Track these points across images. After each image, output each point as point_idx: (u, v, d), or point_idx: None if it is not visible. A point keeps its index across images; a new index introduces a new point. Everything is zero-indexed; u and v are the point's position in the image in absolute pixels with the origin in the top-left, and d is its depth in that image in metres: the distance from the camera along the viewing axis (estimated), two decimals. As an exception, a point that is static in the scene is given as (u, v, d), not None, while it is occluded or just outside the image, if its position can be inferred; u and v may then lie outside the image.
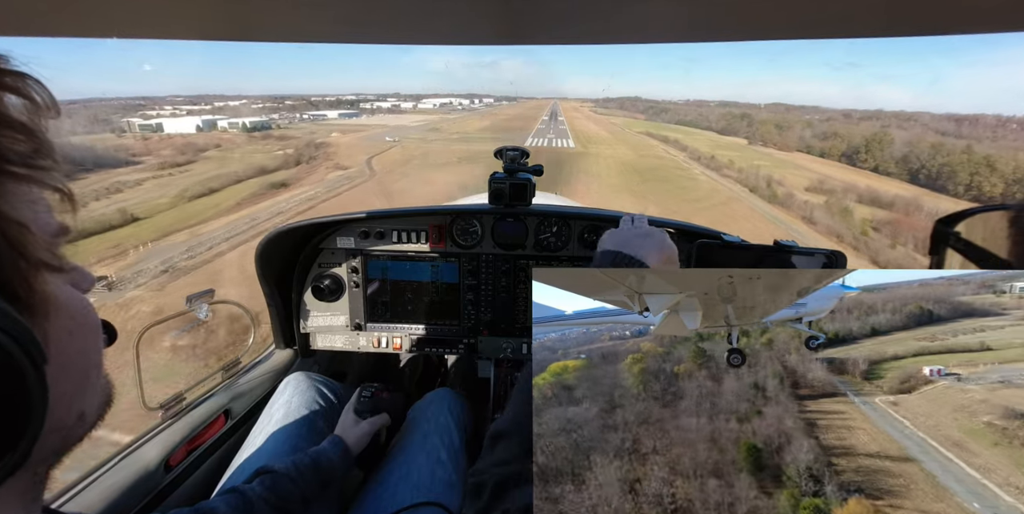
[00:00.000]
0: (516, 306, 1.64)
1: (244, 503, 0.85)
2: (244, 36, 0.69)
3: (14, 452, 0.30)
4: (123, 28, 0.64)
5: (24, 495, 0.36)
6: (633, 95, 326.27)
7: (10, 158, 0.32)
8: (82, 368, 0.38)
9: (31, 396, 0.30)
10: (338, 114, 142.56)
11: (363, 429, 1.13)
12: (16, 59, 0.34)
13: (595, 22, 0.66)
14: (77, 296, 0.39)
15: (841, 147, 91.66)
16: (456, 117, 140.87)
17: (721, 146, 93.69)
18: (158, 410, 1.17)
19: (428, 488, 1.07)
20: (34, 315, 0.33)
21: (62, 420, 0.36)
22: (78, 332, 0.37)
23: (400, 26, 0.67)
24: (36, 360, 0.30)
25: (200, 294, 1.27)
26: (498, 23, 0.66)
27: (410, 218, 1.59)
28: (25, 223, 0.32)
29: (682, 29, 0.71)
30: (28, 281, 0.32)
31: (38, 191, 0.35)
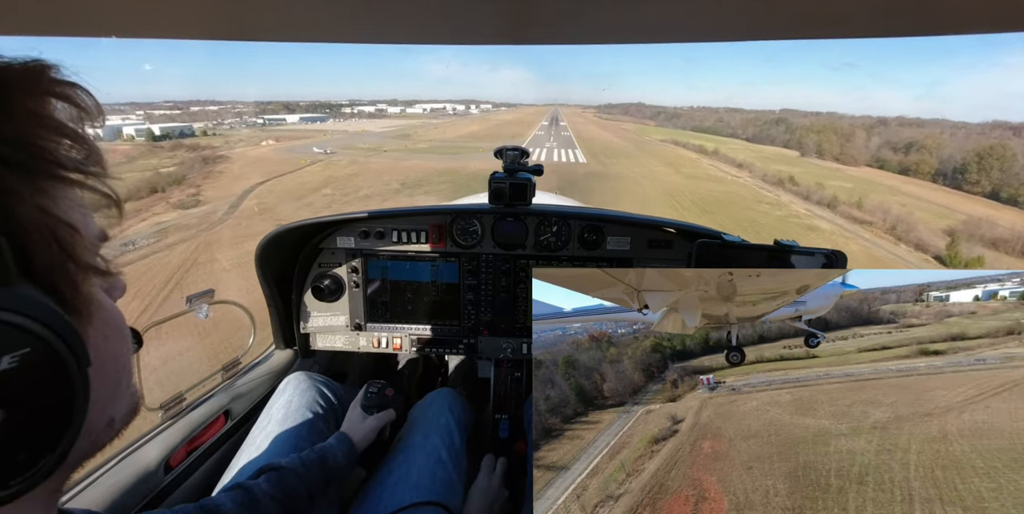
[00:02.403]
0: (516, 306, 1.64)
1: (250, 499, 0.85)
2: (243, 36, 0.69)
3: (53, 453, 0.30)
4: (122, 28, 0.64)
5: (48, 495, 0.36)
6: (636, 101, 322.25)
7: (64, 163, 0.33)
8: (114, 373, 0.38)
9: (75, 397, 0.31)
10: (299, 118, 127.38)
11: (370, 425, 1.14)
12: (67, 68, 0.35)
13: (595, 22, 0.66)
14: (110, 302, 0.39)
15: (932, 162, 68.87)
16: (441, 122, 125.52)
17: (768, 158, 71.69)
18: (158, 410, 1.17)
19: (428, 488, 1.06)
20: (79, 317, 0.33)
21: (94, 425, 0.36)
22: (113, 337, 0.38)
23: (400, 26, 0.67)
24: (81, 362, 0.31)
25: (200, 294, 1.27)
26: (498, 23, 0.66)
27: (410, 218, 1.59)
28: (76, 226, 0.33)
29: (682, 29, 0.71)
30: (76, 283, 0.33)
31: (85, 196, 0.36)
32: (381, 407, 1.19)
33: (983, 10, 0.59)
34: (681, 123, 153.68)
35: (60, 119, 0.34)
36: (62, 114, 0.35)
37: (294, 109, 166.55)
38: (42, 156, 0.32)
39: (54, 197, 0.32)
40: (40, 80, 0.34)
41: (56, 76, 0.34)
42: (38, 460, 0.29)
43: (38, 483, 0.30)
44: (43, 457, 0.29)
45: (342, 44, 0.70)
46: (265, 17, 0.63)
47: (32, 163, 0.31)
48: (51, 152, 0.33)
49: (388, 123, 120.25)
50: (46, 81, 0.34)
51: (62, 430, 0.30)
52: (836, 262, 1.12)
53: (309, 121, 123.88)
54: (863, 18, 0.64)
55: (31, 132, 0.32)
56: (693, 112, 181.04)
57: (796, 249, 1.13)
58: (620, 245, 1.58)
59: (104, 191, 0.37)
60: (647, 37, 0.76)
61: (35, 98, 0.33)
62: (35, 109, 0.33)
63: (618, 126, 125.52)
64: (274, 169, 46.43)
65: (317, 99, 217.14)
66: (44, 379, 0.29)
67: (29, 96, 0.33)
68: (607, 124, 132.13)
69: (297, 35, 0.72)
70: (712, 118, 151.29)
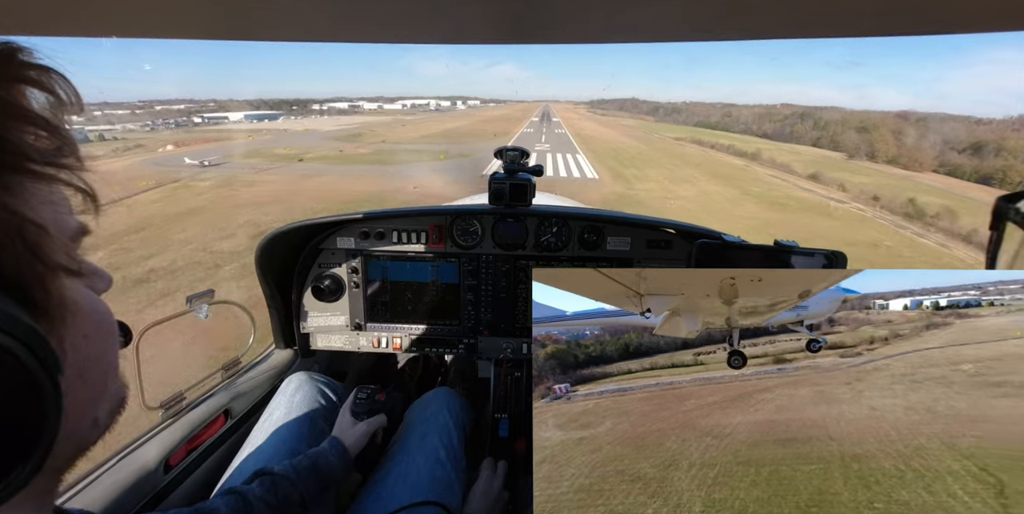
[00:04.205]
0: (516, 306, 1.64)
1: (243, 504, 0.85)
2: (242, 35, 0.69)
3: (26, 464, 0.29)
4: (123, 28, 0.64)
5: (39, 498, 0.36)
6: (630, 96, 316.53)
7: (31, 156, 0.31)
8: (99, 374, 0.37)
9: (45, 407, 0.29)
10: (243, 116, 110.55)
11: (360, 430, 1.13)
12: (41, 52, 0.33)
13: (595, 22, 0.65)
14: (94, 298, 0.37)
15: (1021, 169, 54.19)
16: (415, 119, 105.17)
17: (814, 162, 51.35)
18: (158, 409, 1.17)
19: (427, 488, 1.06)
20: (51, 321, 0.31)
21: (77, 427, 0.35)
22: (95, 336, 0.36)
23: (399, 25, 0.67)
24: (51, 370, 0.29)
25: (200, 294, 1.27)
26: (498, 23, 0.65)
27: (410, 218, 1.58)
28: (44, 225, 0.31)
29: (682, 29, 0.71)
30: (45, 285, 0.31)
31: (59, 190, 0.34)
32: (371, 412, 1.18)
33: (983, 10, 0.59)
34: (683, 118, 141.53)
35: (29, 107, 0.32)
36: (33, 102, 0.32)
37: (258, 106, 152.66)
38: (8, 149, 0.30)
39: (20, 194, 0.30)
40: (8, 64, 0.31)
41: (27, 60, 0.32)
42: (9, 473, 0.28)
43: (14, 493, 0.28)
44: (14, 469, 0.28)
45: (343, 44, 0.69)
46: (264, 17, 0.62)
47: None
48: (16, 143, 0.30)
49: (350, 120, 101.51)
50: (15, 65, 0.31)
51: (34, 441, 0.29)
52: (836, 262, 1.12)
53: (256, 119, 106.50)
54: (864, 18, 0.63)
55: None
56: (693, 107, 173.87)
57: (796, 250, 1.13)
58: (620, 245, 1.58)
59: (78, 185, 0.34)
60: (647, 37, 0.76)
61: (2, 84, 0.30)
62: (1, 96, 0.30)
63: (618, 122, 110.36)
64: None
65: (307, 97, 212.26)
66: (9, 391, 0.27)
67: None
68: (605, 120, 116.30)
69: (296, 35, 0.72)
70: (718, 113, 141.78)
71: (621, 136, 62.35)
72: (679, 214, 11.61)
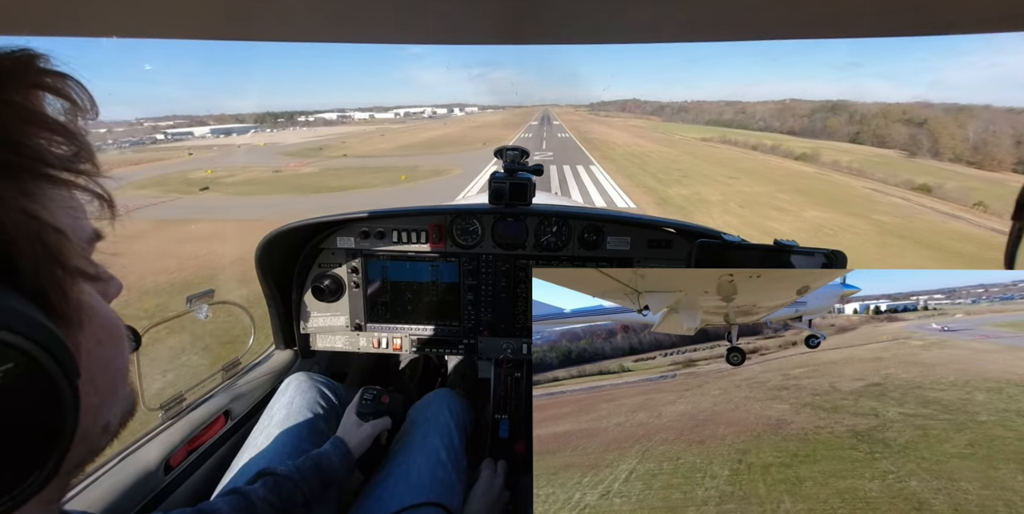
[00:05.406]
0: (516, 306, 1.64)
1: (246, 504, 0.84)
2: (241, 35, 0.69)
3: (43, 468, 0.29)
4: (123, 28, 0.64)
5: (47, 502, 0.36)
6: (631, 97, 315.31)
7: (50, 161, 0.31)
8: (110, 379, 0.37)
9: (64, 412, 0.29)
10: (208, 131, 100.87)
11: (365, 432, 1.13)
12: (57, 59, 0.33)
13: (595, 22, 0.66)
14: (104, 304, 0.38)
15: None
16: (402, 127, 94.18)
17: (877, 163, 39.50)
18: (158, 410, 1.17)
19: (428, 488, 1.06)
20: (68, 325, 0.31)
21: (89, 432, 0.35)
22: (107, 341, 0.36)
23: (398, 25, 0.67)
24: (70, 374, 0.29)
25: (200, 295, 1.27)
26: (497, 23, 0.66)
27: (410, 218, 1.59)
28: (63, 229, 0.31)
29: (682, 29, 0.71)
30: (64, 290, 0.31)
31: (77, 195, 0.34)
32: (377, 414, 1.18)
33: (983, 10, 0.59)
34: (691, 117, 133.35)
35: (48, 113, 0.32)
36: (51, 108, 0.33)
37: (244, 120, 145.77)
38: (27, 154, 0.30)
39: (40, 199, 0.30)
40: (27, 71, 0.31)
41: (45, 66, 0.32)
42: (27, 477, 0.28)
43: (28, 499, 0.28)
44: (31, 474, 0.28)
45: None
46: (264, 17, 0.63)
47: (16, 162, 0.29)
48: (35, 149, 0.30)
49: (328, 131, 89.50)
50: (33, 72, 0.32)
51: (51, 446, 0.29)
52: (836, 262, 1.12)
53: (222, 134, 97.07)
54: (864, 18, 0.64)
55: (15, 128, 0.30)
56: (699, 106, 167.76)
57: (796, 249, 1.13)
58: (620, 245, 1.58)
59: (96, 191, 0.35)
60: (647, 37, 0.76)
61: (21, 90, 0.31)
62: (20, 102, 0.30)
63: (624, 123, 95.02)
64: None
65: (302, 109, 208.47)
66: (30, 396, 0.27)
67: (14, 88, 0.30)
68: (610, 121, 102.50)
69: (296, 35, 0.72)
70: (729, 110, 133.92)
71: (636, 138, 51.34)
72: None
